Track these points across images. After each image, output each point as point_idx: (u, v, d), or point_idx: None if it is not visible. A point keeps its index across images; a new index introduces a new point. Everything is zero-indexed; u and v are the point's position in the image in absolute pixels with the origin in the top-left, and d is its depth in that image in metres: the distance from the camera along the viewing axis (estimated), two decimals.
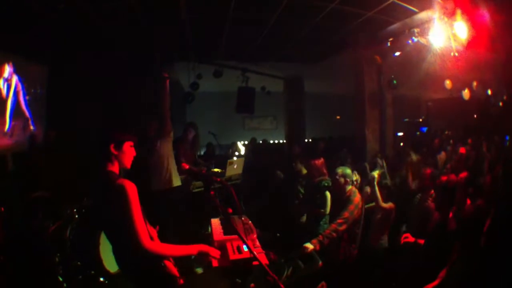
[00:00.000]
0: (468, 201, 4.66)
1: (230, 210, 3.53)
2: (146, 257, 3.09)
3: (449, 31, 6.90)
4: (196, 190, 7.87)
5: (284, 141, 15.61)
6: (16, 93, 7.35)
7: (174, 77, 13.22)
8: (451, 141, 10.91)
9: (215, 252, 3.34)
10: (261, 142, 14.76)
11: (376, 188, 6.01)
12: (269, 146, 15.10)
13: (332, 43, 9.97)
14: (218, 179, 3.59)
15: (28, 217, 6.51)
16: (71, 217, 6.69)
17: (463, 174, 5.72)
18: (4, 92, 6.94)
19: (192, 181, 7.96)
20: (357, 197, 5.56)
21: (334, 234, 5.31)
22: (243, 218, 4.30)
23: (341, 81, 10.77)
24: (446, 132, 11.76)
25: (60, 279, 5.86)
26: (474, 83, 10.81)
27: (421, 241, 4.97)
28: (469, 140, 10.21)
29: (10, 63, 7.04)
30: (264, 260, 3.10)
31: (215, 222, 4.26)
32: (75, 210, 6.83)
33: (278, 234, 7.12)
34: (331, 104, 14.53)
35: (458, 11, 6.45)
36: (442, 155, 9.20)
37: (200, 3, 7.53)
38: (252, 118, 15.71)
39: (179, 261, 3.58)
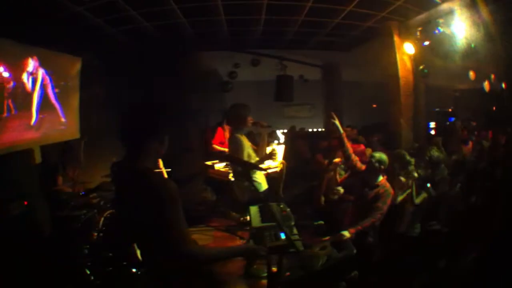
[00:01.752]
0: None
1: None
2: (186, 262, 2.71)
3: (467, 23, 6.92)
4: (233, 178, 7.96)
5: (323, 129, 15.54)
6: (43, 86, 7.40)
7: (211, 66, 13.34)
8: (476, 132, 10.78)
9: (262, 250, 3.05)
10: (299, 130, 14.75)
11: (414, 187, 6.00)
12: (308, 134, 15.05)
13: (366, 31, 9.93)
14: (258, 165, 3.56)
15: (54, 209, 6.63)
16: (104, 208, 6.81)
17: (483, 165, 5.69)
18: (28, 85, 6.98)
19: (230, 170, 8.05)
20: (391, 188, 5.57)
21: (369, 225, 5.35)
22: (281, 205, 4.36)
23: (377, 69, 10.68)
24: (473, 123, 11.57)
25: (88, 271, 5.84)
26: (492, 76, 10.65)
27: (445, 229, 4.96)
28: (490, 132, 10.08)
29: (35, 57, 7.08)
30: (301, 248, 3.08)
31: (254, 209, 4.32)
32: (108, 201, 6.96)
33: (315, 223, 7.16)
34: (367, 92, 14.38)
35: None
36: (469, 146, 9.13)
37: None
38: (291, 106, 15.68)
39: None
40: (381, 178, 5.73)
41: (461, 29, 7.39)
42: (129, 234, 3.38)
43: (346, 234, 5.19)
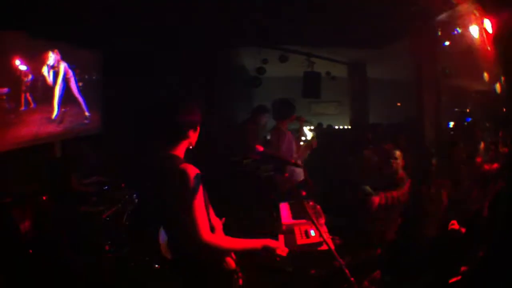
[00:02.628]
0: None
1: (304, 193, 3.48)
2: (204, 251, 2.86)
3: (480, 25, 6.90)
4: (265, 174, 7.95)
5: (349, 126, 15.49)
6: (65, 80, 7.40)
7: (239, 61, 13.34)
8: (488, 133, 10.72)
9: (282, 249, 3.11)
10: (326, 127, 14.70)
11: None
12: (336, 132, 15.02)
13: (392, 29, 9.85)
14: (293, 161, 3.57)
15: (75, 204, 6.57)
16: (129, 203, 6.83)
17: (495, 165, 5.63)
18: (49, 79, 6.97)
19: (259, 165, 8.05)
20: (408, 183, 5.57)
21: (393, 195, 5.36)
22: (311, 203, 4.33)
23: (402, 68, 10.67)
24: (487, 124, 11.48)
25: (108, 267, 5.86)
26: (502, 78, 10.52)
27: (464, 230, 4.91)
28: (500, 133, 9.97)
29: (56, 51, 7.07)
30: (332, 245, 3.07)
31: (284, 206, 4.31)
32: (134, 195, 6.95)
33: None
34: (392, 90, 14.30)
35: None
36: (481, 146, 9.07)
37: None
38: (318, 103, 15.66)
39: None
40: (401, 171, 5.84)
41: (475, 30, 7.38)
42: (156, 221, 3.71)
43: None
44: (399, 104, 15.19)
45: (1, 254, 4.67)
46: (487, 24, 6.59)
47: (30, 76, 6.51)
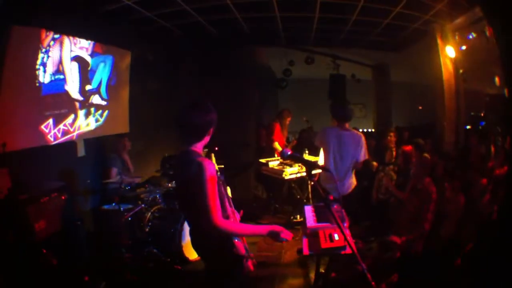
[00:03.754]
0: None
1: (332, 197, 3.47)
2: (216, 234, 3.17)
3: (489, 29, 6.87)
4: (289, 177, 7.93)
5: (373, 129, 15.43)
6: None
7: (266, 63, 13.35)
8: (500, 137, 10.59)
9: (286, 234, 3.31)
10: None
11: None
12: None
13: (413, 32, 9.92)
14: (323, 166, 3.56)
15: (100, 203, 6.76)
16: (153, 203, 6.85)
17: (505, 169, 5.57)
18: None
19: (285, 167, 8.04)
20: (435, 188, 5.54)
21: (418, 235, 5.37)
22: (335, 206, 4.28)
23: (423, 71, 10.65)
24: (498, 129, 11.33)
25: (125, 266, 5.89)
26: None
27: None
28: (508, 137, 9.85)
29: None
30: (355, 249, 3.04)
31: (309, 209, 4.28)
32: (157, 196, 6.97)
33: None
34: (415, 93, 14.22)
35: None
36: (493, 150, 8.99)
37: None
38: None
39: None
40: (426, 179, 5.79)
41: (487, 35, 7.32)
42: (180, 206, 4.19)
43: (396, 240, 5.16)
44: (420, 107, 15.11)
45: (13, 252, 4.65)
46: (495, 28, 6.59)
47: None
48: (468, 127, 12.24)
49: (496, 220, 4.38)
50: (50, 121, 6.30)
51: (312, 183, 3.30)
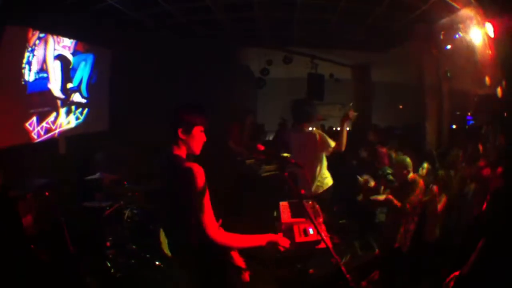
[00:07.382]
0: None
1: (303, 192, 3.53)
2: (211, 247, 2.95)
3: (482, 30, 6.96)
4: (266, 174, 8.03)
5: (350, 129, 15.53)
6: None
7: (243, 62, 13.41)
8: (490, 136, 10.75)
9: (284, 242, 3.24)
10: (327, 129, 14.72)
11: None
12: (335, 133, 15.07)
13: (395, 33, 9.96)
14: (293, 161, 3.58)
15: (80, 200, 6.72)
16: (132, 200, 6.85)
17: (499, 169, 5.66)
18: None
19: (261, 165, 8.13)
20: (421, 183, 5.60)
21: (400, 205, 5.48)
22: (310, 202, 4.42)
23: (404, 71, 10.77)
24: (487, 128, 11.52)
25: (108, 264, 5.89)
26: (503, 82, 10.61)
27: None
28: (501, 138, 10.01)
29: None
30: (329, 243, 3.13)
31: (284, 205, 4.38)
32: (137, 193, 6.97)
33: (341, 221, 7.19)
34: (395, 94, 14.35)
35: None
36: (481, 149, 9.14)
37: None
38: (323, 105, 15.71)
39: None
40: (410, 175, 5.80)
41: (478, 34, 7.43)
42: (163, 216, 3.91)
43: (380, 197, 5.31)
44: (401, 107, 15.22)
45: (2, 248, 4.68)
46: (489, 28, 6.73)
47: None
48: (453, 126, 12.41)
49: (484, 220, 4.42)
50: (34, 119, 6.40)
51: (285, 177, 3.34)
